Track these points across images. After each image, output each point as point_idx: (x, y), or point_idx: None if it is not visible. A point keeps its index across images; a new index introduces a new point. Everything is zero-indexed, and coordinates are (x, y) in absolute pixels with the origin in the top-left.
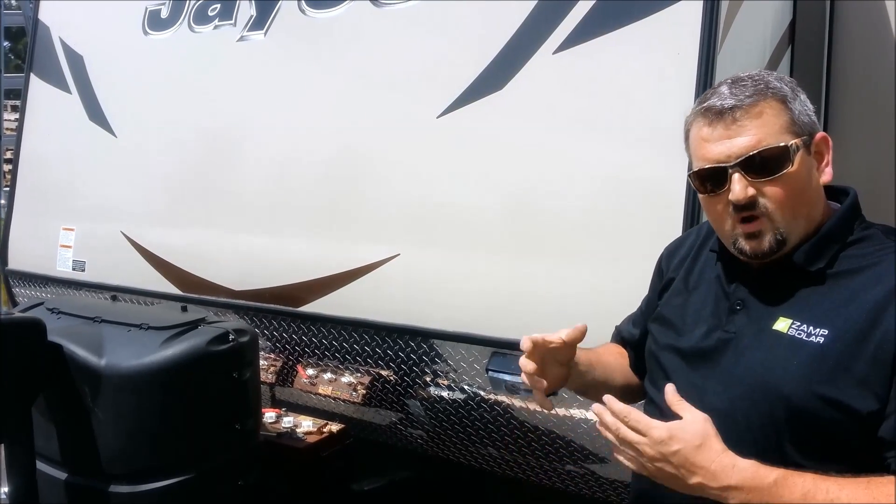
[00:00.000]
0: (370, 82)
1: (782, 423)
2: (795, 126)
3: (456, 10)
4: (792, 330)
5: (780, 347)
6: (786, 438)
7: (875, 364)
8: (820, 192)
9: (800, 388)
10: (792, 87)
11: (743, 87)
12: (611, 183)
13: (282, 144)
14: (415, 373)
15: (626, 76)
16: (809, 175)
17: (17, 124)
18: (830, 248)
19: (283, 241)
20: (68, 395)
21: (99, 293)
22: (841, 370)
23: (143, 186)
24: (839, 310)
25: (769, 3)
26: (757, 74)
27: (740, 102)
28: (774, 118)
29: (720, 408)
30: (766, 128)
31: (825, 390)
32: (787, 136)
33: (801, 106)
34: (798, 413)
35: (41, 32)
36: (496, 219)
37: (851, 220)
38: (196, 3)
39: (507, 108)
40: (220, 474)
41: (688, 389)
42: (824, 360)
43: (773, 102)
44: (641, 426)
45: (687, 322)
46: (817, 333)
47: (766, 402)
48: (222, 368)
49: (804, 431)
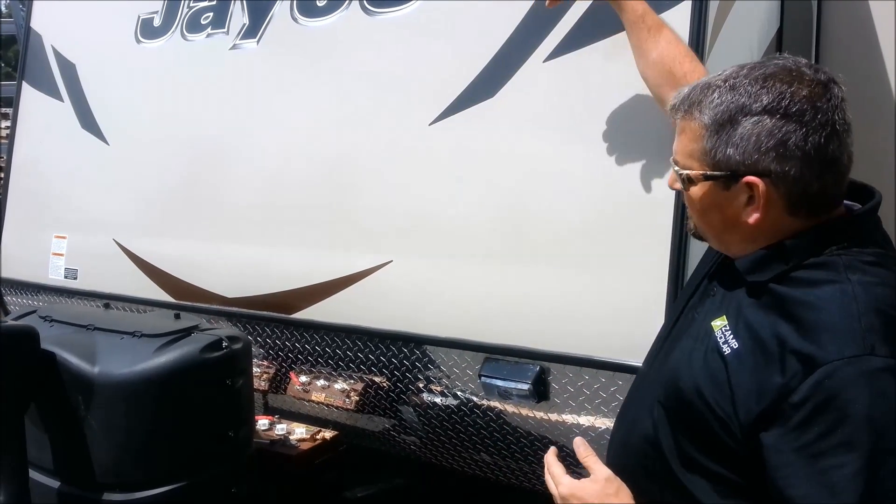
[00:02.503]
0: (363, 90)
1: (675, 409)
2: (708, 157)
3: (448, 18)
4: (719, 332)
5: (703, 343)
6: (679, 428)
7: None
8: (739, 227)
9: (692, 383)
10: (731, 115)
11: (693, 92)
12: (602, 189)
13: (275, 152)
14: (408, 379)
15: (616, 84)
16: (718, 208)
17: (9, 132)
18: (775, 265)
19: (276, 249)
20: (61, 403)
21: (91, 301)
22: (727, 384)
23: (135, 194)
24: (758, 330)
25: (757, 10)
26: (729, 84)
27: (676, 108)
28: (687, 139)
29: (648, 379)
30: (681, 144)
31: (708, 394)
32: (693, 161)
33: (724, 141)
34: (685, 404)
35: (33, 40)
36: (489, 225)
37: (821, 242)
38: (189, 12)
39: (499, 116)
40: (213, 482)
41: (653, 360)
42: (722, 370)
43: (693, 125)
44: (553, 478)
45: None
46: (731, 343)
47: (671, 385)
48: (216, 376)
49: (691, 422)
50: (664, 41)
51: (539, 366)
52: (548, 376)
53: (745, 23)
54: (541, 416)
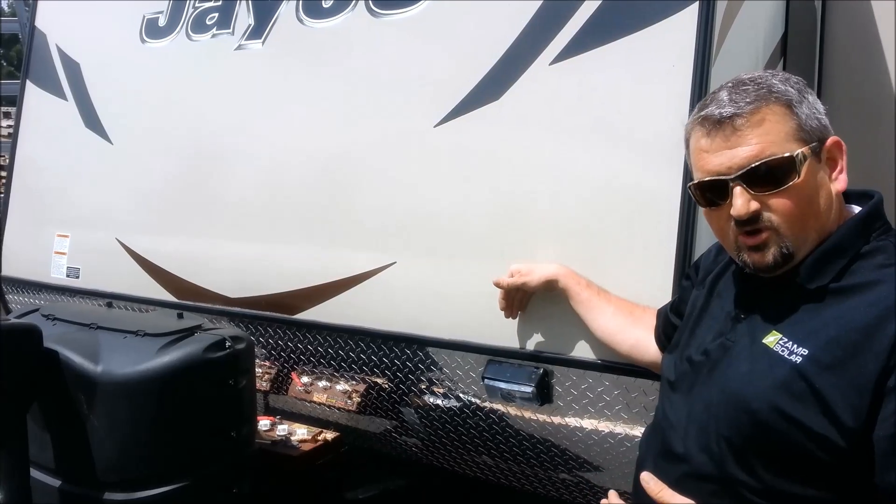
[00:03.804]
0: (368, 92)
1: (748, 436)
2: (802, 132)
3: (454, 19)
4: (778, 346)
5: (763, 362)
6: (750, 451)
7: (848, 393)
8: (832, 202)
9: (766, 403)
10: (799, 89)
11: (743, 93)
12: (607, 192)
13: (278, 152)
14: (410, 381)
15: (623, 87)
16: (820, 184)
17: (13, 131)
18: (836, 262)
19: (279, 249)
20: (63, 402)
21: (93, 300)
22: (809, 392)
23: (138, 194)
24: (825, 329)
25: (763, 15)
26: (760, 76)
27: (740, 110)
28: (778, 125)
29: (698, 412)
30: (769, 136)
31: (789, 408)
32: (793, 143)
33: (808, 109)
34: (762, 428)
35: (37, 39)
36: (492, 227)
37: (864, 230)
38: (194, 12)
39: (505, 119)
40: (214, 482)
41: (684, 393)
42: (797, 379)
43: (776, 108)
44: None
45: (702, 327)
46: (798, 352)
47: (737, 414)
48: (219, 375)
49: (768, 447)
50: (613, 297)
51: (542, 368)
52: (551, 379)
53: (752, 25)
54: (544, 418)
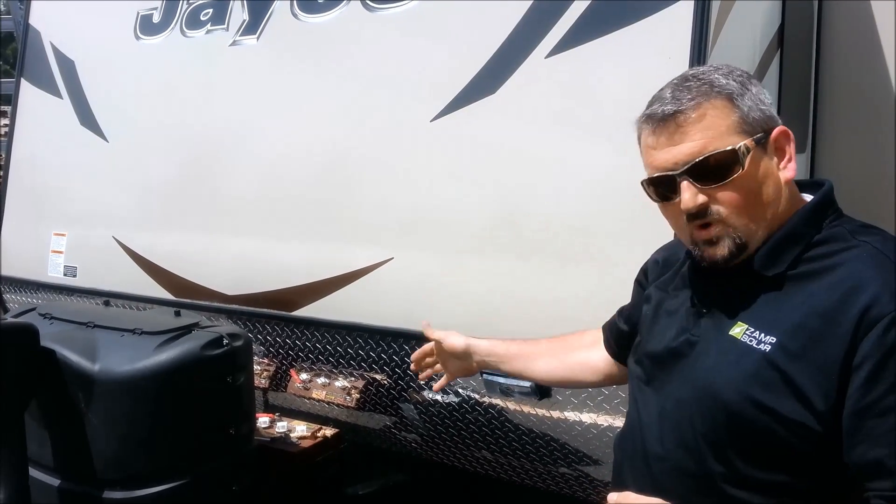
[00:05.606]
0: (363, 86)
1: (723, 429)
2: (745, 124)
3: (449, 13)
4: (745, 336)
5: (731, 353)
6: (727, 444)
7: (816, 377)
8: (782, 191)
9: (738, 394)
10: (742, 81)
11: (686, 90)
12: (604, 187)
13: (274, 148)
14: (409, 376)
15: (618, 80)
16: (766, 174)
17: (8, 130)
18: (790, 250)
19: (277, 246)
20: (61, 400)
21: (91, 299)
22: (780, 380)
23: (134, 191)
24: (790, 316)
25: (759, 7)
26: (703, 72)
27: (681, 107)
28: (719, 119)
29: (670, 410)
30: (711, 131)
31: (761, 397)
32: (736, 136)
33: (751, 101)
34: (736, 419)
35: (32, 37)
36: (490, 222)
37: (816, 218)
38: (188, 8)
39: (501, 112)
40: (214, 479)
41: (654, 392)
42: (766, 367)
43: (717, 102)
44: None
45: (660, 324)
46: (766, 340)
47: (710, 407)
48: (217, 373)
49: (744, 438)
50: (543, 340)
51: None
52: None
53: (747, 21)
54: (542, 413)
